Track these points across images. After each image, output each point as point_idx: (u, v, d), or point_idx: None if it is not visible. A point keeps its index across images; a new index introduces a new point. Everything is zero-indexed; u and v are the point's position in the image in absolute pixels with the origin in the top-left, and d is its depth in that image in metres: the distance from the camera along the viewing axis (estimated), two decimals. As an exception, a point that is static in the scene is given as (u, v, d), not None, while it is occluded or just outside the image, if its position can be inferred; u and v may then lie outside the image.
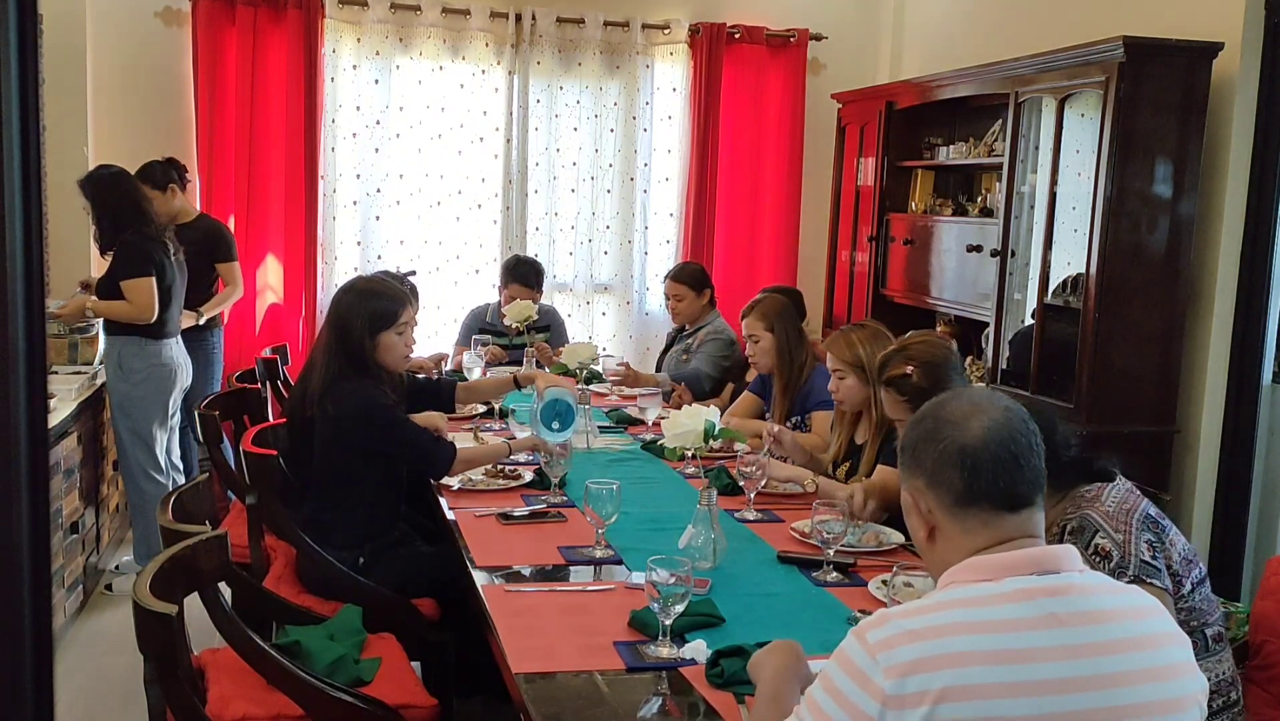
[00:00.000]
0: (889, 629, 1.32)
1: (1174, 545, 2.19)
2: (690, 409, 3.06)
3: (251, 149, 5.57)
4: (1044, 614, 1.32)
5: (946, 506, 1.44)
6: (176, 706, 1.94)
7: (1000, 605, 1.33)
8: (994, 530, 1.41)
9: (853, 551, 2.54)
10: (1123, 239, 3.93)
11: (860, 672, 1.30)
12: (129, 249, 4.15)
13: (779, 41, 6.14)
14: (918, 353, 2.83)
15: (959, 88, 4.97)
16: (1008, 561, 1.38)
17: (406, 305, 3.08)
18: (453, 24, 5.75)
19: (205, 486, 2.64)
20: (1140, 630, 1.37)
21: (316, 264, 5.69)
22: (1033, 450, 1.44)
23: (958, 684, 1.27)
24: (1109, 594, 1.39)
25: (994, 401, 1.48)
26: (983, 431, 1.42)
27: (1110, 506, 2.18)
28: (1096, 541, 2.14)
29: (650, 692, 1.90)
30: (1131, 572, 2.09)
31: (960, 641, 1.29)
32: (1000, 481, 1.41)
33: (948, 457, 1.43)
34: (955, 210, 5.23)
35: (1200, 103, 3.91)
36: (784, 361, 3.79)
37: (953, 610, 1.33)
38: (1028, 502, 1.42)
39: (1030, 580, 1.35)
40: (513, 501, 3.00)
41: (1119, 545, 2.12)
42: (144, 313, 4.14)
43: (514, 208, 5.94)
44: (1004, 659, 1.29)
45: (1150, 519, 2.19)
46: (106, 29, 5.35)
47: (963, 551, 1.42)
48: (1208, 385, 4.02)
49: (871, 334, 3.19)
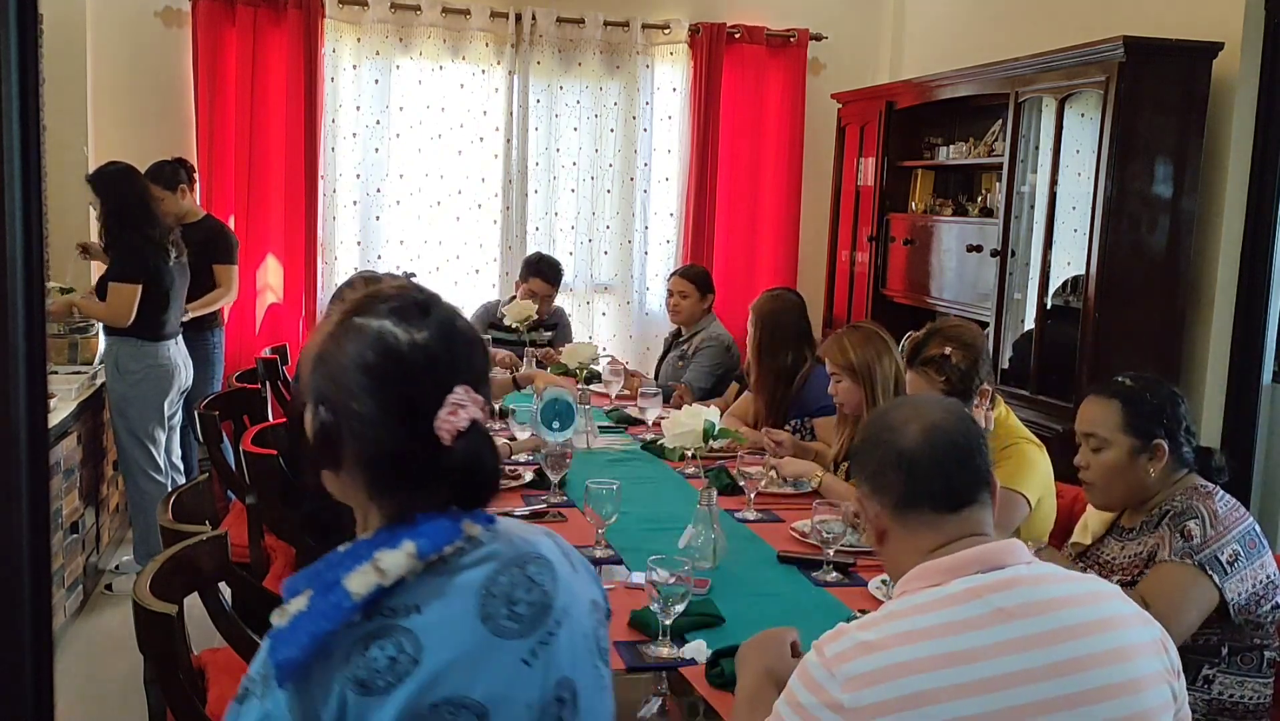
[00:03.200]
0: (844, 642, 1.35)
1: (1264, 567, 2.16)
2: (690, 409, 3.06)
3: (251, 149, 5.57)
4: (991, 610, 1.34)
5: (890, 509, 1.48)
6: (176, 706, 1.94)
7: (949, 608, 1.36)
8: (938, 531, 1.45)
9: (853, 551, 2.54)
10: (1123, 239, 3.93)
11: (818, 686, 1.34)
12: (126, 252, 4.14)
13: (779, 41, 6.14)
14: (954, 334, 2.84)
15: (959, 88, 4.97)
16: (954, 563, 1.41)
17: None
18: (453, 24, 5.75)
19: (205, 486, 2.64)
20: (1094, 614, 1.38)
21: (316, 264, 5.69)
22: (973, 450, 1.48)
23: (913, 691, 1.29)
24: (1056, 583, 1.41)
25: (935, 405, 1.56)
26: (921, 434, 1.47)
27: (1221, 509, 2.16)
28: (1188, 525, 2.12)
29: (650, 692, 1.90)
30: (1197, 559, 2.08)
31: (912, 650, 1.32)
32: (937, 482, 1.45)
33: (888, 461, 1.48)
34: (955, 210, 5.23)
35: (1200, 103, 3.91)
36: (759, 362, 3.82)
37: (903, 619, 1.36)
38: (969, 500, 1.46)
39: (976, 578, 1.38)
40: (513, 501, 2.99)
41: (1205, 537, 2.10)
42: (117, 318, 4.12)
43: (514, 207, 5.94)
44: (955, 660, 1.31)
45: (1250, 536, 2.15)
46: (106, 29, 5.35)
47: (911, 551, 1.46)
48: (1208, 385, 4.02)
49: (865, 336, 3.20)
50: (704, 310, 4.84)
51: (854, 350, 3.14)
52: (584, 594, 1.29)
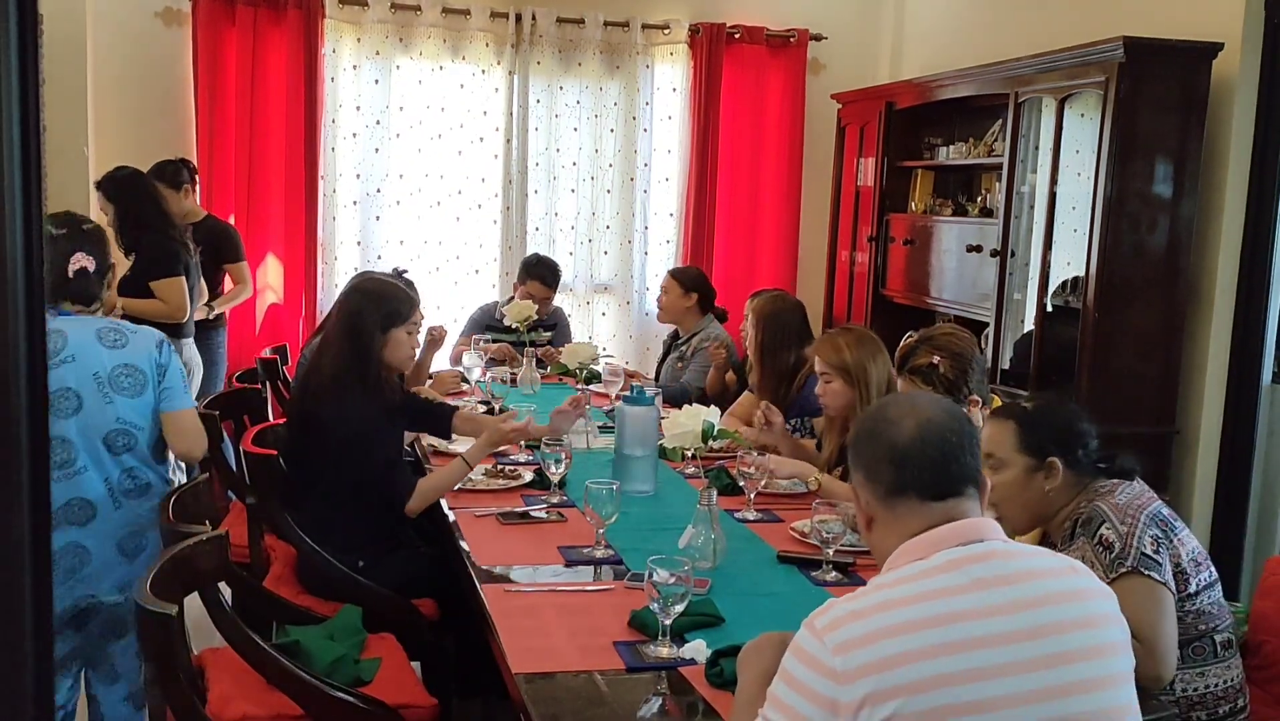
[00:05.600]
0: (834, 612, 1.43)
1: (1183, 545, 2.19)
2: (690, 409, 3.06)
3: (251, 149, 5.57)
4: (969, 580, 1.44)
5: (879, 497, 1.56)
6: (176, 706, 1.94)
7: (931, 577, 1.44)
8: (922, 516, 1.52)
9: (852, 551, 2.54)
10: (1123, 239, 3.93)
11: (812, 657, 1.40)
12: (157, 249, 4.16)
13: (779, 41, 6.14)
14: (944, 343, 2.83)
15: (959, 88, 4.97)
16: (935, 537, 1.49)
17: (417, 306, 3.14)
18: (453, 24, 5.75)
19: (205, 486, 2.64)
20: (1065, 586, 1.48)
21: (316, 264, 5.69)
22: (964, 449, 1.54)
23: (896, 651, 1.37)
24: (1029, 556, 1.54)
25: (932, 403, 1.64)
26: (914, 429, 1.54)
27: (1121, 500, 2.19)
28: (1101, 532, 2.15)
29: (650, 692, 1.90)
30: (1130, 563, 2.10)
31: (897, 614, 1.40)
32: (926, 474, 1.52)
33: (881, 453, 1.55)
34: (955, 210, 5.23)
35: (1200, 103, 3.91)
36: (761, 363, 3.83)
37: (889, 589, 1.45)
38: (955, 493, 1.53)
39: (956, 551, 1.47)
40: (512, 501, 3.00)
41: (1121, 536, 2.12)
42: (177, 312, 4.17)
43: (514, 208, 5.94)
44: (936, 622, 1.39)
45: (1160, 517, 2.19)
46: (106, 29, 5.35)
47: (897, 536, 1.53)
48: (1207, 385, 4.02)
49: (859, 338, 3.19)
50: (686, 307, 4.80)
51: (848, 350, 3.14)
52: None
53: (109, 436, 2.57)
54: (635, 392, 3.13)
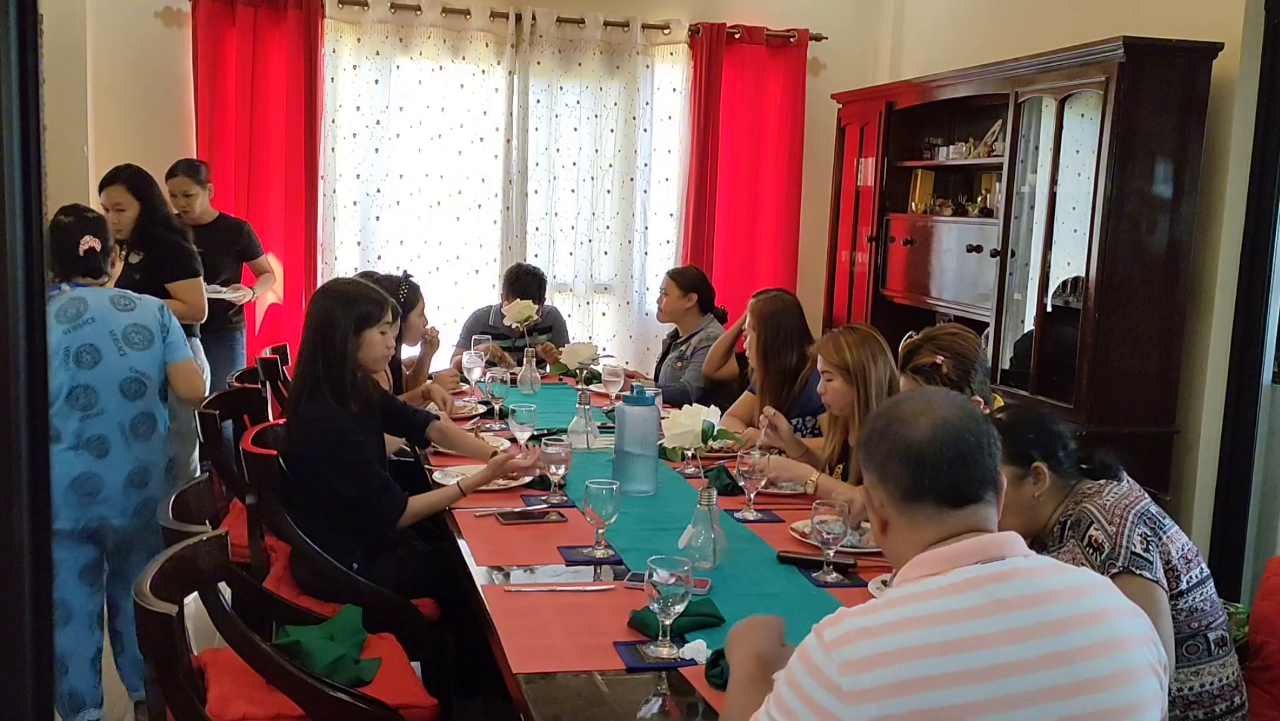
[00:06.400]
0: (844, 626, 1.36)
1: (1173, 542, 2.19)
2: (690, 409, 3.07)
3: (251, 149, 5.58)
4: (990, 600, 1.36)
5: (895, 500, 1.48)
6: (176, 706, 1.94)
7: (949, 596, 1.37)
8: (940, 525, 1.45)
9: (853, 552, 2.54)
10: (1123, 239, 3.93)
11: (818, 669, 1.34)
12: (171, 249, 4.12)
13: (779, 42, 6.14)
14: (948, 343, 2.82)
15: (959, 88, 4.97)
16: (954, 553, 1.42)
17: (388, 305, 3.07)
18: (453, 24, 5.75)
19: (205, 486, 2.64)
20: (1089, 606, 1.40)
21: (316, 264, 5.69)
22: (982, 449, 1.48)
23: (910, 677, 1.30)
24: (1053, 574, 1.43)
25: (947, 401, 1.54)
26: (931, 429, 1.47)
27: (1108, 500, 2.18)
28: (1090, 533, 2.14)
29: (650, 692, 1.90)
30: (1121, 564, 2.09)
31: (912, 635, 1.33)
32: (944, 478, 1.45)
33: (896, 453, 1.48)
34: (955, 210, 5.23)
35: (1200, 103, 3.91)
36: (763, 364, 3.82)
37: (904, 606, 1.37)
38: (974, 499, 1.46)
39: (976, 569, 1.39)
40: (513, 501, 3.00)
41: (1110, 536, 2.11)
42: (197, 313, 4.16)
43: (514, 208, 5.94)
44: (954, 648, 1.32)
45: (1148, 515, 2.18)
46: (106, 29, 5.35)
47: (913, 544, 1.47)
48: (1207, 385, 4.02)
49: (861, 338, 3.19)
50: (686, 308, 4.81)
51: (849, 350, 3.13)
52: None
53: (124, 384, 3.09)
54: (635, 393, 3.13)
